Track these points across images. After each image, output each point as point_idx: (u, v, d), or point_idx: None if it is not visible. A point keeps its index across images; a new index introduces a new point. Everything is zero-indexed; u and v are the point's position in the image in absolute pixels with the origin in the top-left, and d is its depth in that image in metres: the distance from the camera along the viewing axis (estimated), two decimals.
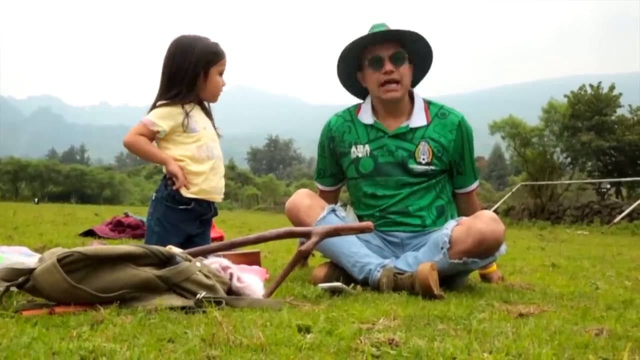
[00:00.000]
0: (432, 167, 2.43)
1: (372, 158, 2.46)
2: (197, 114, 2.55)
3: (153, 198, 2.56)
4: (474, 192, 2.59)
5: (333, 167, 2.62)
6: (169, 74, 2.51)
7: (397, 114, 2.47)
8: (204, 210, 2.56)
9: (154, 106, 2.53)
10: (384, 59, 2.38)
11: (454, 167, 2.50)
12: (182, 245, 2.16)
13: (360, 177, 2.50)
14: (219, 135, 2.65)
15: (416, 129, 2.44)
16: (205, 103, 2.65)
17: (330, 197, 2.66)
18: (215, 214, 2.65)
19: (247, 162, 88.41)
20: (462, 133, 2.46)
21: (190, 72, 2.48)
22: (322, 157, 2.64)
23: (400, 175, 2.43)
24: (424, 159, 2.42)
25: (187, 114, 2.49)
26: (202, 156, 2.52)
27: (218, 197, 2.59)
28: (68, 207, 20.64)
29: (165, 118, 2.47)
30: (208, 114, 2.65)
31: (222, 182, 2.63)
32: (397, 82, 2.38)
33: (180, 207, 2.47)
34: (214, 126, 2.64)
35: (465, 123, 2.48)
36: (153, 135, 2.50)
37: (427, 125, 2.45)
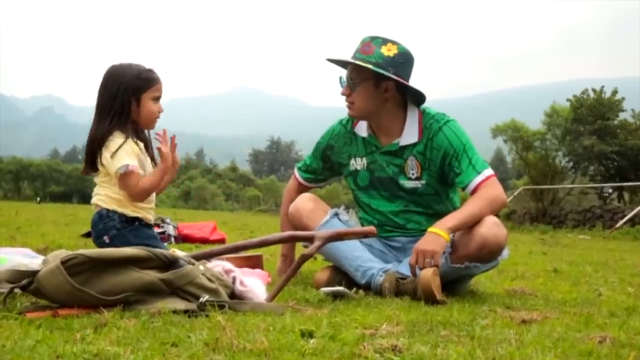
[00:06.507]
0: (422, 181, 2.38)
1: (368, 171, 2.48)
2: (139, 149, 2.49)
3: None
4: (482, 184, 2.27)
5: (316, 168, 2.65)
6: (101, 104, 2.45)
7: (384, 130, 2.43)
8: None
9: (101, 140, 2.40)
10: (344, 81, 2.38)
11: (448, 172, 2.35)
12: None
13: (357, 189, 2.53)
14: (154, 165, 2.55)
15: (406, 146, 2.39)
16: (145, 131, 2.57)
17: (297, 190, 2.70)
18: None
19: (249, 164, 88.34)
20: (445, 137, 2.32)
21: (119, 100, 2.41)
22: (314, 155, 2.66)
23: (393, 190, 2.43)
24: (413, 174, 2.39)
25: (139, 151, 2.44)
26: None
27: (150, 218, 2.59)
28: (70, 207, 20.64)
29: (134, 156, 2.41)
30: (145, 141, 2.55)
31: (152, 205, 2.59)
32: (352, 102, 2.38)
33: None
34: (152, 157, 2.56)
35: (448, 127, 2.33)
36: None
37: (418, 142, 2.37)
